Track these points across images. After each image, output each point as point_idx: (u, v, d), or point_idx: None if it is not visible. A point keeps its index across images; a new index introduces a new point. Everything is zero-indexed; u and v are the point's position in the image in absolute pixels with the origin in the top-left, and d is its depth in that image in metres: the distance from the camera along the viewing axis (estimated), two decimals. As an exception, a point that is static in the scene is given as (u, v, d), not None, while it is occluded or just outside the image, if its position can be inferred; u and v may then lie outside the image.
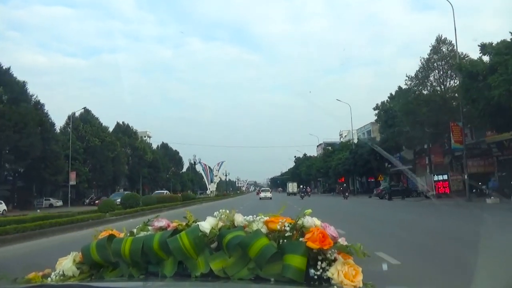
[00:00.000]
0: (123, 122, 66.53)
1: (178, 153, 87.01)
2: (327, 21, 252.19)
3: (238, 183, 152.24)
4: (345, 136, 77.74)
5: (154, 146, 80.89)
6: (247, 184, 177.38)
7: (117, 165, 54.07)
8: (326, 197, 51.88)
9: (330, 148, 71.78)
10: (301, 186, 61.36)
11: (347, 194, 40.27)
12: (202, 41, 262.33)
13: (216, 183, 71.76)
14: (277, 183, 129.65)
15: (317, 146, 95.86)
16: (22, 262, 6.88)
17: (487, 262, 4.33)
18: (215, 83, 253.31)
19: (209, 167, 73.82)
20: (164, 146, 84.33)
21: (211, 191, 68.05)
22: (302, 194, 47.33)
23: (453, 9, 26.92)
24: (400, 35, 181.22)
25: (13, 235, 10.46)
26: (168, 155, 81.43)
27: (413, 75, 32.35)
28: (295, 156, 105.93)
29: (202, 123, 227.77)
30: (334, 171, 57.30)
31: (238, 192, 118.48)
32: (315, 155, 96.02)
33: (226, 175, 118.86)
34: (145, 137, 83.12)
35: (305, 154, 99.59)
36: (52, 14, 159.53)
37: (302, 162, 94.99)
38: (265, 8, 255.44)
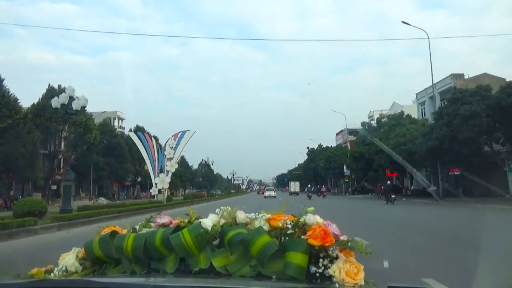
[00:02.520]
0: (59, 86, 42.96)
1: (158, 140, 64.10)
2: (333, 19, 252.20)
3: (234, 180, 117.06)
4: (378, 116, 55.30)
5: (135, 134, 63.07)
6: (248, 181, 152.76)
7: (11, 143, 31.79)
8: (354, 200, 36.29)
9: (379, 118, 49.10)
10: (309, 185, 57.45)
11: (393, 196, 25.92)
12: (208, 39, 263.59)
13: (170, 174, 34.83)
14: (284, 181, 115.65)
15: (337, 134, 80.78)
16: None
17: None
18: (220, 81, 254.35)
19: (158, 141, 40.34)
20: (139, 131, 57.04)
21: (159, 190, 34.24)
22: (309, 194, 43.98)
23: None
24: (406, 34, 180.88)
25: None
26: (142, 142, 61.85)
27: None
28: (308, 148, 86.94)
29: (207, 122, 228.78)
30: (387, 158, 34.25)
31: (233, 191, 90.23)
32: (332, 145, 78.27)
33: (208, 164, 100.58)
34: (115, 119, 63.74)
35: (320, 145, 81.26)
36: (59, 12, 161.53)
37: (318, 154, 75.65)
38: (271, 6, 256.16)
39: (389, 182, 31.19)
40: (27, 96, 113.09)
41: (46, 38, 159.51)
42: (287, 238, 1.46)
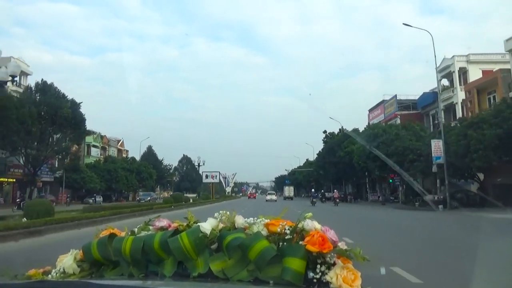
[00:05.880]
0: None
1: (78, 107, 39.55)
2: (334, 24, 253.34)
3: (205, 177, 64.87)
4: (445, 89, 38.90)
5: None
6: (234, 181, 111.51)
7: None
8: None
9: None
10: (312, 190, 46.93)
11: None
12: (208, 41, 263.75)
13: None
14: (285, 182, 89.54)
15: (370, 110, 57.14)
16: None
17: None
18: (219, 84, 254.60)
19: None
20: (45, 88, 38.05)
21: None
22: (313, 200, 36.72)
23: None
24: (407, 40, 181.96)
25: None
26: (49, 106, 36.43)
27: None
28: (325, 132, 56.32)
29: (206, 124, 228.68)
30: None
31: (192, 197, 47.66)
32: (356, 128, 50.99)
33: (190, 161, 79.17)
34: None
35: (341, 130, 49.95)
36: (58, 12, 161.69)
37: (345, 139, 46.70)
38: (272, 9, 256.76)
39: None
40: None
41: (44, 37, 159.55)
42: (285, 243, 1.50)
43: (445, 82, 40.62)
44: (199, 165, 65.13)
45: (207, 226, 1.62)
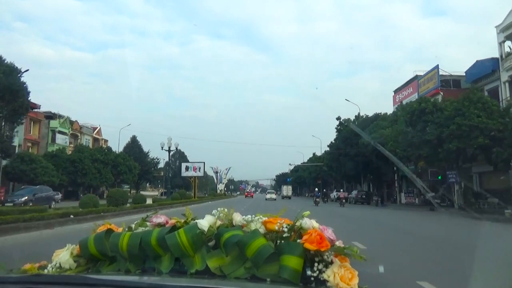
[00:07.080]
0: None
1: (17, 73, 29.67)
2: (335, 23, 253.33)
3: (185, 169, 50.42)
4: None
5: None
6: (228, 177, 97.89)
7: None
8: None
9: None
10: (316, 189, 41.92)
11: None
12: (210, 39, 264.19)
13: None
14: (287, 181, 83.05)
15: (396, 92, 48.06)
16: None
17: None
18: (221, 82, 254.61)
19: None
20: None
21: None
22: (316, 199, 34.98)
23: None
24: (409, 40, 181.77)
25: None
26: None
27: None
28: (338, 118, 47.28)
29: (207, 122, 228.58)
30: None
31: (149, 201, 25.16)
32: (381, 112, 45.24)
33: (183, 155, 66.10)
34: None
35: (358, 115, 45.95)
36: (60, 6, 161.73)
37: (368, 124, 41.15)
38: (274, 8, 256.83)
39: None
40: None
41: (46, 32, 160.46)
42: (283, 241, 1.51)
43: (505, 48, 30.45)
44: (169, 150, 52.07)
45: (204, 223, 1.62)
